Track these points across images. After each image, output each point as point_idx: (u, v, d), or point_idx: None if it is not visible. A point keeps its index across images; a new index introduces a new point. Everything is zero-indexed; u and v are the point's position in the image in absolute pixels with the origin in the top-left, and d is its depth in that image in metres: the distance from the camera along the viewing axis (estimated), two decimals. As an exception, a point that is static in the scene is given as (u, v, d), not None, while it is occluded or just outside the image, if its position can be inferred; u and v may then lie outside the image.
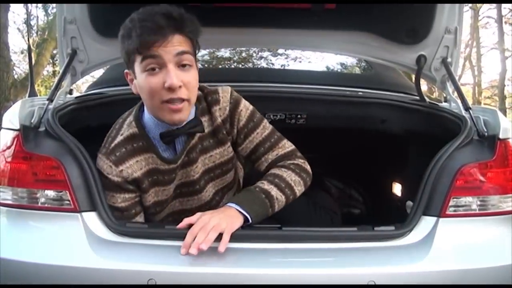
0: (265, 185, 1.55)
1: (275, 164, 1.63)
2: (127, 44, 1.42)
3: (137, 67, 1.43)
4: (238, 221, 1.44)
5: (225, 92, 1.61)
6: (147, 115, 1.55)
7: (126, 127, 1.57)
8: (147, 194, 1.60)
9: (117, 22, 2.03)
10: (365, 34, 2.15)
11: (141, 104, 1.59)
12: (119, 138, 1.55)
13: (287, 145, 1.67)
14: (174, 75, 1.39)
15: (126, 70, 1.52)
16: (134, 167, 1.55)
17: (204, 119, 1.59)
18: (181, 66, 1.43)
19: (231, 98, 1.61)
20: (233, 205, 1.47)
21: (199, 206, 1.69)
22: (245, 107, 1.64)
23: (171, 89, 1.40)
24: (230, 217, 1.43)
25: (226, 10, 1.87)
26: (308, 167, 1.66)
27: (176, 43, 1.40)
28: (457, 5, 2.03)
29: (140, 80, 1.44)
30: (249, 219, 1.45)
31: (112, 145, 1.54)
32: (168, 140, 1.56)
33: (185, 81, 1.42)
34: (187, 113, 1.49)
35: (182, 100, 1.44)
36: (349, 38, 2.17)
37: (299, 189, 1.60)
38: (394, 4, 1.99)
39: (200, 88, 1.56)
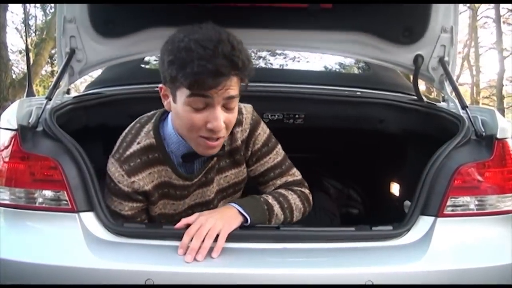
0: (269, 199, 1.55)
1: (282, 187, 1.64)
2: (175, 72, 1.31)
3: (181, 97, 1.36)
4: (236, 222, 1.44)
5: (248, 112, 1.59)
6: (171, 130, 1.51)
7: (144, 136, 1.53)
8: (154, 205, 1.58)
9: (117, 22, 2.07)
10: (362, 35, 2.15)
11: (163, 113, 1.55)
12: (135, 147, 1.52)
13: (296, 174, 1.67)
14: (220, 118, 1.35)
15: (161, 85, 1.45)
16: (146, 180, 1.52)
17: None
18: (227, 104, 1.37)
19: (251, 119, 1.59)
20: (235, 205, 1.47)
21: None
22: (263, 130, 1.62)
23: (213, 130, 1.37)
24: (228, 217, 1.43)
25: (224, 11, 1.86)
26: (311, 198, 1.67)
27: (230, 87, 1.33)
28: (452, 4, 2.04)
29: (181, 110, 1.38)
30: (248, 220, 1.45)
31: (127, 153, 1.51)
32: (189, 160, 1.54)
33: (227, 122, 1.39)
34: (219, 148, 1.47)
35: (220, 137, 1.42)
36: (346, 38, 2.17)
37: (297, 215, 1.60)
38: (389, 4, 2.01)
39: None
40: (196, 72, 1.27)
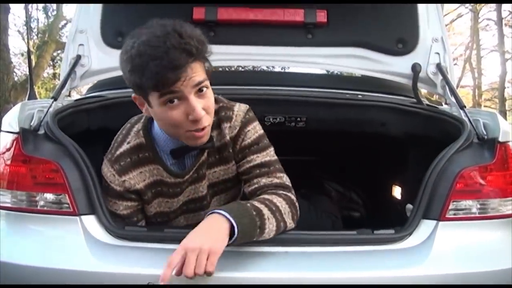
0: (255, 203, 1.42)
1: (267, 189, 1.52)
2: (139, 80, 1.32)
3: (154, 100, 1.36)
4: (223, 235, 1.29)
5: (240, 111, 1.57)
6: (157, 129, 1.51)
7: (133, 135, 1.54)
8: (149, 205, 1.59)
9: (127, 35, 2.12)
10: (358, 49, 2.27)
11: None
12: (125, 147, 1.53)
13: (285, 179, 1.57)
14: (197, 106, 1.34)
15: (133, 95, 1.45)
16: (137, 179, 1.53)
17: (213, 134, 1.53)
18: (199, 91, 1.37)
19: (243, 118, 1.57)
20: (221, 211, 1.33)
21: None
22: (255, 129, 1.58)
23: (195, 120, 1.36)
24: (214, 234, 1.29)
25: (225, 28, 1.90)
26: (297, 205, 1.53)
27: (194, 74, 1.33)
28: (437, 16, 2.22)
29: (159, 112, 1.38)
30: (235, 227, 1.30)
31: (118, 153, 1.52)
32: (178, 156, 1.54)
33: (206, 107, 1.38)
34: (208, 135, 1.46)
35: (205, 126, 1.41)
36: (343, 53, 2.28)
37: (289, 221, 1.47)
38: (380, 18, 2.21)
39: (215, 100, 1.48)
40: (155, 72, 1.28)
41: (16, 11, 13.88)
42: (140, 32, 1.33)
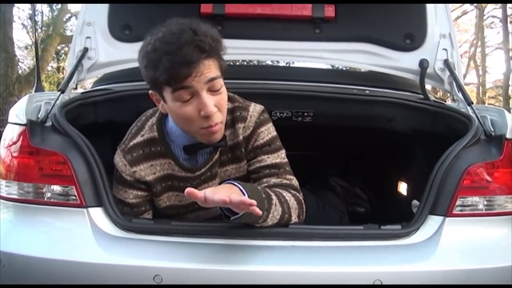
0: (267, 189, 1.47)
1: (277, 188, 1.54)
2: (153, 74, 1.36)
3: (167, 95, 1.40)
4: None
5: (255, 111, 1.58)
6: (172, 124, 1.54)
7: (147, 129, 1.56)
8: (158, 198, 1.60)
9: (133, 28, 2.21)
10: (365, 44, 2.28)
11: None
12: (139, 139, 1.55)
13: (294, 181, 1.59)
14: (209, 103, 1.37)
15: (151, 91, 1.48)
16: (147, 171, 1.55)
17: (226, 133, 1.54)
18: (211, 88, 1.39)
19: (257, 118, 1.58)
20: (235, 183, 1.38)
21: (214, 217, 1.67)
22: (268, 130, 1.60)
23: (207, 116, 1.39)
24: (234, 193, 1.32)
25: (232, 22, 1.91)
26: (304, 207, 1.56)
27: (206, 70, 1.36)
28: (445, 12, 2.23)
29: (173, 108, 1.41)
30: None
31: (131, 144, 1.55)
32: (191, 151, 1.56)
33: (218, 105, 1.40)
34: (222, 132, 1.47)
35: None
36: (350, 48, 2.28)
37: (294, 216, 1.50)
38: (388, 14, 2.22)
39: (230, 99, 1.54)
40: (167, 67, 1.32)
41: (21, 5, 13.89)
42: (158, 30, 1.38)
